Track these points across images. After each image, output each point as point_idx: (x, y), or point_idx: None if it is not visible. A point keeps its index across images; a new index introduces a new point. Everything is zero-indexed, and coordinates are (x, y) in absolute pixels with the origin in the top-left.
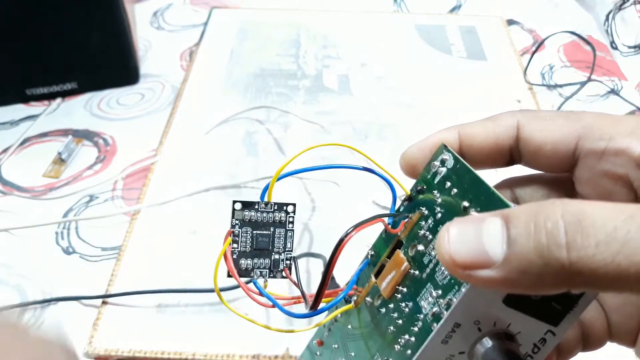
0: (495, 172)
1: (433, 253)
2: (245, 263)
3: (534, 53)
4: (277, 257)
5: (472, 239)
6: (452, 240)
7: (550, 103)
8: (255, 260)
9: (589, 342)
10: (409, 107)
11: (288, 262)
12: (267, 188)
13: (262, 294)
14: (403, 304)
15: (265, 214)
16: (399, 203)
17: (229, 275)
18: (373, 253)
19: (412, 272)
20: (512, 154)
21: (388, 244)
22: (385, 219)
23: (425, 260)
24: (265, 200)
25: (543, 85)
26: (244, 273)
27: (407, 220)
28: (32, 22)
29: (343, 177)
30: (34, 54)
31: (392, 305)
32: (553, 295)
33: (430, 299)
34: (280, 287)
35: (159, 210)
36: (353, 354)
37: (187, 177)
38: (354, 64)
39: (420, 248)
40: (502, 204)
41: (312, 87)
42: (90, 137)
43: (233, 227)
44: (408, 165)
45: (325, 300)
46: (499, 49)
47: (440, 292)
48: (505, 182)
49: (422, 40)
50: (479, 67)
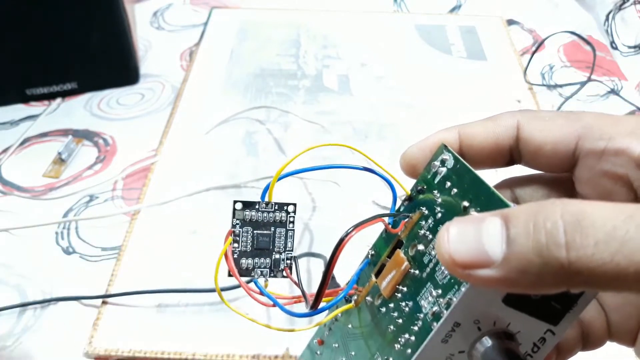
0: (495, 172)
1: (433, 253)
2: (246, 262)
3: (534, 53)
4: (277, 256)
5: (471, 239)
6: (451, 240)
7: (550, 103)
8: (256, 260)
9: (589, 341)
10: (409, 107)
11: (289, 261)
12: (267, 188)
13: (262, 294)
14: (403, 304)
15: (266, 214)
16: (399, 203)
17: (230, 275)
18: (373, 253)
19: (412, 271)
20: (512, 154)
21: (388, 244)
22: (386, 219)
23: (426, 260)
24: (266, 200)
25: (543, 85)
26: (245, 272)
27: (407, 220)
28: (32, 22)
29: (343, 177)
30: (34, 54)
31: (392, 305)
32: (552, 295)
33: (430, 299)
34: (281, 286)
35: (159, 210)
36: (353, 353)
37: (187, 177)
38: (354, 64)
39: (421, 248)
40: (502, 204)
41: (312, 87)
42: (90, 137)
43: (234, 226)
44: (408, 165)
45: (326, 300)
46: (499, 49)
47: (440, 291)
48: (505, 182)
49: (422, 40)
50: (479, 67)
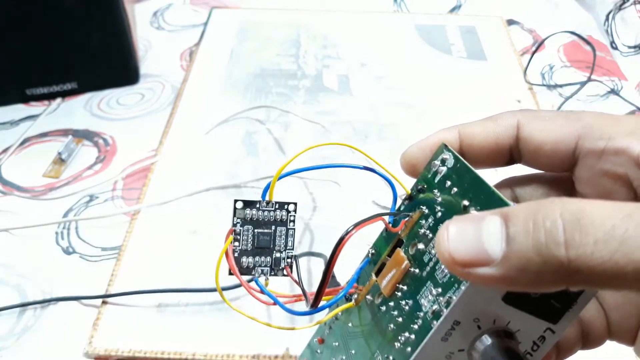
0: (495, 171)
1: (433, 251)
2: (247, 261)
3: (534, 53)
4: (278, 255)
5: (471, 237)
6: (451, 238)
7: (550, 103)
8: (257, 259)
9: (589, 340)
10: (409, 107)
11: (289, 260)
12: (268, 187)
13: (263, 292)
14: (403, 302)
15: (267, 213)
16: (400, 202)
17: (231, 273)
18: (374, 252)
19: (412, 270)
20: (512, 154)
21: (389, 243)
22: (386, 218)
23: (426, 259)
24: (267, 199)
25: (543, 85)
26: (246, 271)
27: (407, 219)
28: (32, 22)
29: (344, 176)
30: (34, 54)
31: (392, 304)
32: (552, 293)
33: (430, 297)
34: (282, 285)
35: (159, 210)
36: (354, 352)
37: (187, 177)
38: (354, 64)
39: (421, 247)
40: (501, 203)
41: (312, 87)
42: (90, 137)
43: (234, 225)
44: (409, 165)
45: (326, 298)
46: (499, 49)
47: (440, 290)
48: (505, 181)
49: (422, 40)
50: (479, 67)
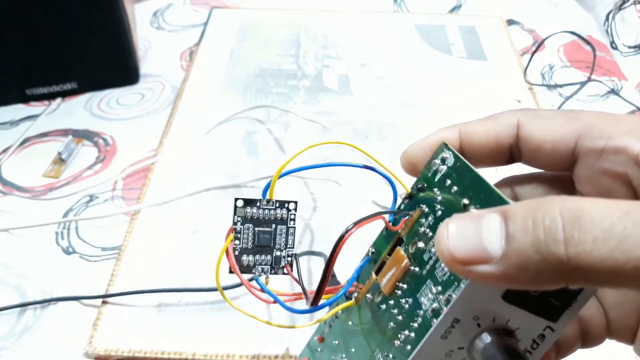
0: (496, 170)
1: (433, 250)
2: (247, 259)
3: (534, 53)
4: (278, 253)
5: (471, 235)
6: (451, 236)
7: (550, 103)
8: (257, 257)
9: (588, 339)
10: (409, 107)
11: (289, 258)
12: (269, 186)
13: (263, 290)
14: (403, 300)
15: (267, 211)
16: (400, 201)
17: (231, 272)
18: (374, 250)
19: (412, 268)
20: (512, 153)
21: (389, 242)
22: (386, 216)
23: (426, 257)
24: (267, 198)
25: (543, 85)
26: (246, 269)
27: (407, 218)
28: (32, 22)
29: (344, 176)
30: (34, 54)
31: (392, 302)
32: (552, 291)
33: (430, 295)
34: (282, 284)
35: (159, 210)
36: (353, 350)
37: (187, 177)
38: (354, 64)
39: (421, 245)
40: (501, 202)
41: (312, 87)
42: (90, 137)
43: (235, 224)
44: (409, 164)
45: (326, 297)
46: (499, 49)
47: (440, 288)
48: (505, 180)
49: (422, 40)
50: (479, 67)
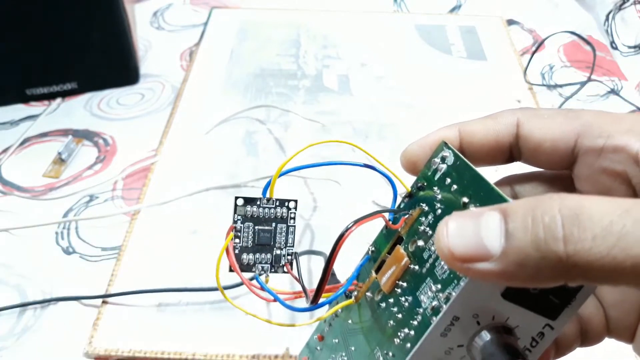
0: (495, 170)
1: (433, 248)
2: (247, 258)
3: (534, 53)
4: (278, 252)
5: (470, 233)
6: (450, 234)
7: (550, 103)
8: (257, 255)
9: (588, 337)
10: (409, 107)
11: (289, 257)
12: (269, 184)
13: (263, 289)
14: (403, 299)
15: (267, 210)
16: (400, 200)
17: (231, 270)
18: (374, 249)
19: (412, 267)
20: (511, 152)
21: (388, 240)
22: (386, 215)
23: (425, 256)
24: (267, 197)
25: (543, 85)
26: (246, 268)
27: (407, 217)
28: (32, 22)
29: (344, 176)
30: (34, 54)
31: (392, 300)
32: (551, 289)
33: (430, 293)
34: (282, 283)
35: (159, 210)
36: (353, 349)
37: (187, 177)
38: (354, 64)
39: (420, 243)
40: (501, 200)
41: (312, 87)
42: (90, 137)
43: (235, 222)
44: (409, 162)
45: (326, 295)
46: (499, 49)
47: (440, 286)
48: (505, 179)
49: (422, 40)
50: (479, 67)
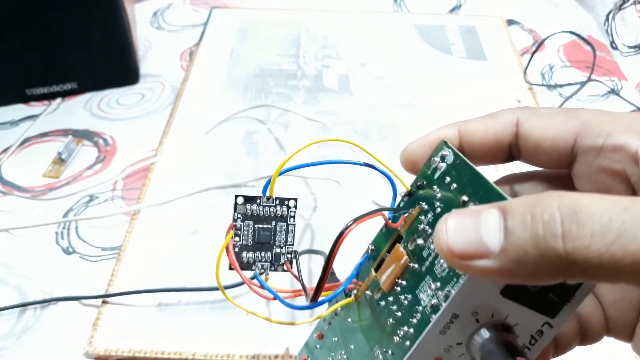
0: (495, 169)
1: (432, 247)
2: (247, 256)
3: (534, 53)
4: (278, 250)
5: (469, 230)
6: (450, 232)
7: (550, 103)
8: (257, 254)
9: (587, 336)
10: (409, 107)
11: (289, 255)
12: (269, 183)
13: (263, 287)
14: (402, 297)
15: (267, 208)
16: (399, 198)
17: (231, 268)
18: (373, 248)
19: (411, 265)
20: (511, 151)
21: (388, 239)
22: (386, 214)
23: (425, 254)
24: (267, 195)
25: (543, 85)
26: (246, 266)
27: (407, 215)
28: (32, 22)
29: (344, 175)
30: (34, 54)
31: (391, 298)
32: (550, 287)
33: (429, 291)
34: (281, 281)
35: (159, 210)
36: (353, 347)
37: (187, 177)
38: (354, 64)
39: (420, 242)
40: (500, 198)
41: (312, 87)
42: (90, 137)
43: (235, 220)
44: (408, 161)
45: (325, 294)
46: (499, 49)
47: (439, 284)
48: (505, 178)
49: (422, 40)
50: (479, 67)
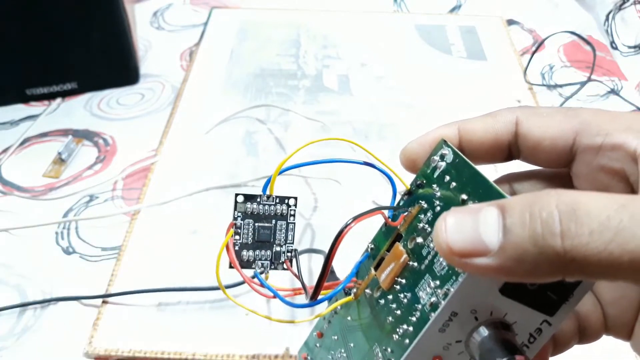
0: (495, 168)
1: (431, 245)
2: (247, 254)
3: (534, 53)
4: (278, 249)
5: (468, 228)
6: (449, 229)
7: (550, 103)
8: (257, 252)
9: (585, 334)
10: (409, 107)
11: (289, 254)
12: (269, 181)
13: (263, 285)
14: (402, 295)
15: (267, 207)
16: (399, 197)
17: (231, 267)
18: (373, 246)
19: (411, 264)
20: (510, 150)
21: (388, 238)
22: (385, 212)
23: (424, 252)
24: (267, 194)
25: (543, 85)
26: (246, 264)
27: (406, 214)
28: (32, 22)
29: (344, 175)
30: (34, 54)
31: (391, 297)
32: (549, 285)
33: (429, 290)
34: (281, 280)
35: (159, 210)
36: (352, 345)
37: (187, 177)
38: (354, 64)
39: (419, 240)
40: (499, 196)
41: (312, 87)
42: (90, 137)
43: (235, 219)
44: (408, 160)
45: (325, 292)
46: (499, 49)
47: (438, 282)
48: (505, 177)
49: (422, 40)
50: (479, 67)
